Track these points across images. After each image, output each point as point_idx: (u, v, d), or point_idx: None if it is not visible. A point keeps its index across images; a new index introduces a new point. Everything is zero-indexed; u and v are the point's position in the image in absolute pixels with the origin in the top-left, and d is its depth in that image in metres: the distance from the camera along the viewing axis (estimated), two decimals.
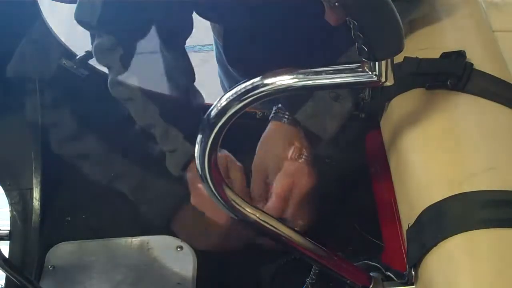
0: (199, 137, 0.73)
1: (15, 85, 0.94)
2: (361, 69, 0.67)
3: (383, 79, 0.67)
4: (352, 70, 0.68)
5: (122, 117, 1.06)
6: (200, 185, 1.03)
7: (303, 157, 1.02)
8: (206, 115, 0.71)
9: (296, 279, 1.02)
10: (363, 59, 0.67)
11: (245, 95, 0.69)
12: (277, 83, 0.68)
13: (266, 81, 0.68)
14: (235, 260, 1.09)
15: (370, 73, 0.67)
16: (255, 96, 0.69)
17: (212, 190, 0.78)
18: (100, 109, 1.05)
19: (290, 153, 1.02)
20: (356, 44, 0.65)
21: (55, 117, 1.04)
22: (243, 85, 0.68)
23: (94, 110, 1.05)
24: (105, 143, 1.04)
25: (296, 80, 0.68)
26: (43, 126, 1.05)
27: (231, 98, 0.69)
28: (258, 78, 0.68)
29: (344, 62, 0.69)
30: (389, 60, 0.66)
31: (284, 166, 1.03)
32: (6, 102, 1.21)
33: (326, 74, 0.69)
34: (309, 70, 0.69)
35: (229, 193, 0.79)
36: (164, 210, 1.06)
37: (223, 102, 0.69)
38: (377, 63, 0.66)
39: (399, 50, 0.65)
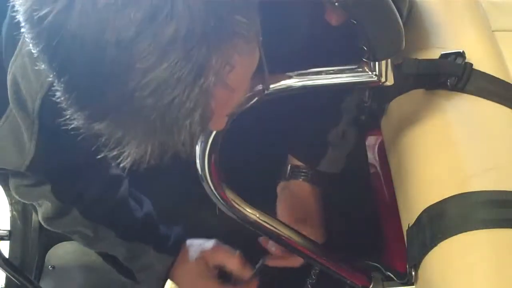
0: (200, 137, 0.73)
1: None
2: (361, 69, 0.68)
3: (383, 79, 0.67)
4: (352, 70, 0.68)
5: (105, 188, 0.96)
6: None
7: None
8: None
9: (296, 279, 1.03)
10: (363, 59, 0.67)
11: (246, 96, 0.68)
12: (277, 83, 0.68)
13: (275, 81, 0.68)
14: None
15: (370, 73, 0.67)
16: (255, 97, 0.69)
17: (212, 190, 0.78)
18: (80, 181, 0.94)
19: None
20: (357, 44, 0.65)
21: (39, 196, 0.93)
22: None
23: (74, 184, 0.93)
24: (91, 218, 0.95)
25: (296, 80, 0.69)
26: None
27: None
28: (257, 79, 0.68)
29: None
30: (389, 60, 0.66)
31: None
32: (7, 102, 1.21)
33: (326, 74, 0.69)
34: (309, 70, 0.69)
35: (229, 193, 0.80)
36: (157, 276, 1.02)
37: None
38: (377, 63, 0.66)
39: (399, 50, 0.65)
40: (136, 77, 0.50)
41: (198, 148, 0.74)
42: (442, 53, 0.81)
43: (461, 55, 0.80)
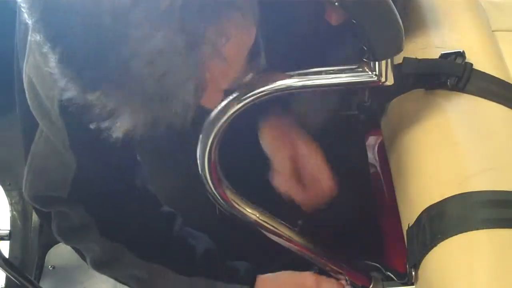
0: (200, 137, 0.73)
1: (17, 85, 0.92)
2: (361, 69, 0.68)
3: (383, 79, 0.67)
4: (352, 70, 0.68)
5: (156, 224, 0.92)
6: None
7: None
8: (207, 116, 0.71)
9: None
10: (363, 59, 0.67)
11: (246, 95, 0.69)
12: (277, 82, 0.68)
13: (267, 81, 0.68)
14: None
15: (370, 73, 0.67)
16: (255, 96, 0.69)
17: (212, 190, 0.78)
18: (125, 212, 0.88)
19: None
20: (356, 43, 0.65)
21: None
22: (243, 85, 0.68)
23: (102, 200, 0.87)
24: (146, 259, 0.90)
25: (297, 79, 0.69)
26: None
27: (231, 98, 0.69)
28: (258, 78, 0.69)
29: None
30: (389, 60, 0.66)
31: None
32: (7, 102, 1.20)
33: (326, 74, 0.69)
34: (309, 70, 0.69)
35: (229, 193, 0.80)
36: None
37: (224, 102, 0.69)
38: (377, 63, 0.66)
39: (399, 50, 0.65)
40: (131, 46, 0.50)
41: (198, 148, 0.74)
42: (442, 53, 0.81)
43: (461, 55, 0.80)
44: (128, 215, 0.89)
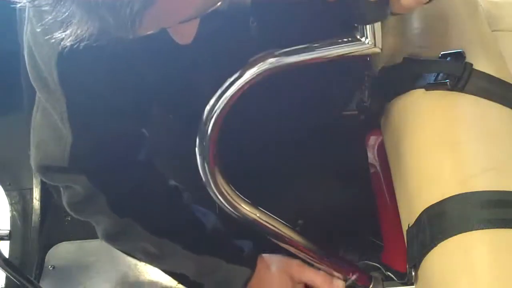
0: (198, 134, 0.73)
1: (16, 84, 0.92)
2: (351, 39, 0.69)
3: (371, 42, 0.68)
4: (344, 42, 0.70)
5: (163, 198, 0.93)
6: None
7: None
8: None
9: None
10: (354, 24, 0.68)
11: (239, 77, 0.70)
12: (273, 59, 0.69)
13: (263, 60, 0.69)
14: None
15: (361, 39, 0.68)
16: (251, 76, 0.70)
17: (212, 190, 0.78)
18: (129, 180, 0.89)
19: None
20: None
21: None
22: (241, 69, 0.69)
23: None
24: (155, 232, 0.91)
25: (292, 56, 0.69)
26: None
27: (228, 82, 0.70)
28: (255, 57, 0.69)
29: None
30: (378, 25, 0.67)
31: None
32: (7, 102, 1.20)
33: (320, 48, 0.70)
34: (302, 46, 0.70)
35: (229, 192, 0.80)
36: None
37: (220, 90, 0.70)
38: (367, 27, 0.67)
39: (387, 14, 0.67)
40: None
41: (197, 148, 0.74)
42: (442, 53, 0.81)
43: (461, 55, 0.80)
44: (133, 188, 0.89)
